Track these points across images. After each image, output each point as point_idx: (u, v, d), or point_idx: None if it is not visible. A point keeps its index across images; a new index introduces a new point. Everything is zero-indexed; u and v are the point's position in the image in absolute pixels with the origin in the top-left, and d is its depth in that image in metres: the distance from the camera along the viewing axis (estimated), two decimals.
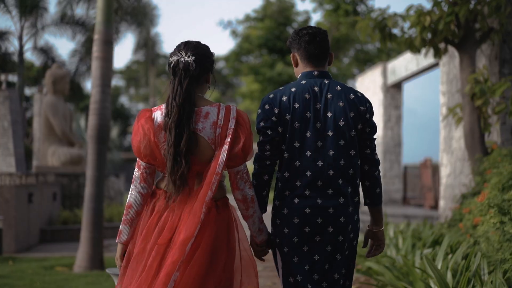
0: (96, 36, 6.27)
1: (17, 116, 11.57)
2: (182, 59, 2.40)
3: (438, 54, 6.81)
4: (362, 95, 2.62)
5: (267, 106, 2.53)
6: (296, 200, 2.49)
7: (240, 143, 2.38)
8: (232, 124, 2.39)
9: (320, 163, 2.49)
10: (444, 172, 8.96)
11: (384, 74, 13.89)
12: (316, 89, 2.54)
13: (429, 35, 6.48)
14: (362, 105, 2.57)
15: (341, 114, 2.51)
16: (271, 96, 2.56)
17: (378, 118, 14.22)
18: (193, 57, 2.40)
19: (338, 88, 2.56)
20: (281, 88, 2.60)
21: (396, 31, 6.91)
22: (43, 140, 11.31)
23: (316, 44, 2.59)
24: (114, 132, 32.29)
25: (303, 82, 2.57)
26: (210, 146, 2.39)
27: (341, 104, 2.52)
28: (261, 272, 6.10)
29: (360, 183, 2.65)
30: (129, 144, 41.46)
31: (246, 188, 2.43)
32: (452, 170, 8.67)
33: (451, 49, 8.22)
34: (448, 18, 6.22)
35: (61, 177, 10.55)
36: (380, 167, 14.09)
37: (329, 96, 2.53)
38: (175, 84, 2.39)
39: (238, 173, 2.43)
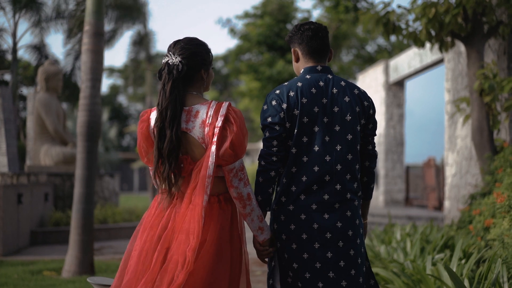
0: (86, 28, 5.95)
1: (10, 114, 11.25)
2: (170, 61, 2.43)
3: (444, 48, 6.57)
4: (364, 91, 2.66)
5: (274, 102, 2.51)
6: (302, 197, 2.46)
7: (227, 141, 2.35)
8: (219, 122, 2.36)
9: (328, 158, 2.48)
10: (449, 171, 8.73)
11: (386, 71, 13.62)
12: (321, 83, 2.54)
13: (429, 28, 6.21)
14: (366, 100, 2.60)
15: (348, 109, 2.52)
16: (278, 91, 2.54)
17: (380, 116, 13.94)
18: (179, 58, 2.43)
19: (343, 83, 2.57)
20: (285, 83, 2.58)
21: (400, 25, 6.65)
22: (36, 139, 10.99)
23: (319, 39, 2.60)
24: (112, 131, 32.02)
25: (308, 77, 2.56)
26: (201, 145, 2.39)
27: (347, 99, 2.53)
28: (259, 277, 5.80)
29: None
30: (127, 144, 41.19)
31: (241, 185, 2.38)
32: (458, 170, 8.44)
33: (457, 44, 7.95)
34: (455, 11, 5.97)
35: (54, 177, 10.21)
36: (382, 167, 13.96)
37: (334, 91, 2.53)
38: (160, 88, 2.45)
39: (231, 171, 2.38)
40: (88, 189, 5.98)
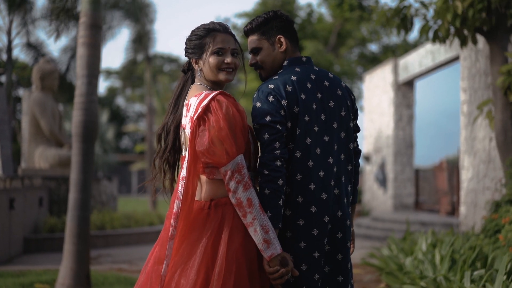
0: (82, 19, 5.47)
1: (3, 115, 10.78)
2: None
3: (464, 44, 6.24)
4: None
5: (271, 98, 2.17)
6: (313, 209, 2.17)
7: (205, 136, 2.09)
8: (196, 114, 2.11)
9: (330, 160, 2.24)
10: (465, 175, 8.31)
11: (395, 71, 13.18)
12: (313, 76, 2.27)
13: (457, 24, 5.85)
14: (351, 93, 2.40)
15: (342, 103, 2.29)
16: (271, 86, 2.20)
17: (388, 117, 13.51)
18: None
19: (330, 75, 2.33)
20: (275, 77, 2.25)
21: (417, 20, 6.29)
22: (30, 141, 10.50)
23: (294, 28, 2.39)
24: (110, 133, 31.63)
25: (298, 69, 2.27)
26: None
27: (339, 92, 2.30)
28: None
29: None
30: (125, 146, 40.67)
31: (239, 189, 2.08)
32: (475, 174, 8.04)
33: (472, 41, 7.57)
34: (480, 5, 5.61)
35: (49, 180, 9.73)
36: (391, 170, 13.48)
37: (326, 83, 2.28)
38: None
39: (226, 173, 2.10)
40: (84, 195, 5.51)
